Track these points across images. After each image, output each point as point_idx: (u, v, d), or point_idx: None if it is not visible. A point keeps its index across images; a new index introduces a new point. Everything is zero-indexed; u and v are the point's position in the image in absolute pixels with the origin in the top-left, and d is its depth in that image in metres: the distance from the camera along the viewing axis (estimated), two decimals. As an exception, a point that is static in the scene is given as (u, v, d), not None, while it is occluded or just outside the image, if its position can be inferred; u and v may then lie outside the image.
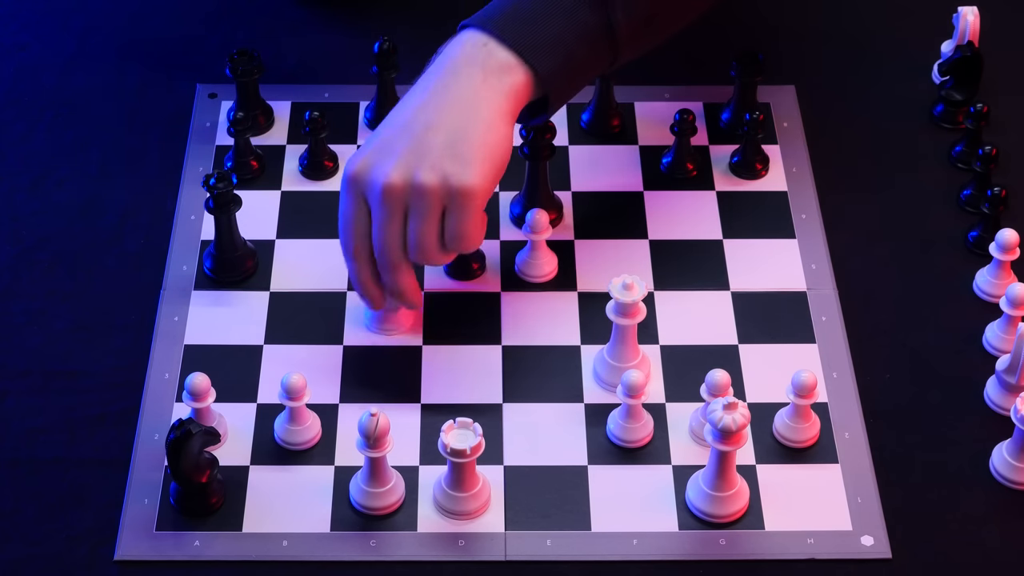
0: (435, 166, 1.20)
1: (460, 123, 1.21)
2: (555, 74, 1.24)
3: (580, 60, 1.26)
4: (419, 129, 1.21)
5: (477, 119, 1.21)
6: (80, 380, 1.27)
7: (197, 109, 1.49)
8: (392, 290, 1.25)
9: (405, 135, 1.21)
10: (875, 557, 1.17)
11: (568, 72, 1.25)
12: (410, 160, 1.20)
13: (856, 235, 1.39)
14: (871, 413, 1.25)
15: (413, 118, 1.22)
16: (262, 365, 1.28)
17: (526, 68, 1.23)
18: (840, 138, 1.47)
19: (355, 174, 1.22)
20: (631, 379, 1.20)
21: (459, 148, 1.20)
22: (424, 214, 1.20)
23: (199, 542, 1.17)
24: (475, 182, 1.20)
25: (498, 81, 1.22)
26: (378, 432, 1.15)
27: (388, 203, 1.20)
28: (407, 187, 1.20)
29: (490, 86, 1.22)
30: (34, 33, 1.56)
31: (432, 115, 1.21)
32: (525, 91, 1.24)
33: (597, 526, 1.18)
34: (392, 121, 1.24)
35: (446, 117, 1.21)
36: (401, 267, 1.23)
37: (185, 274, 1.34)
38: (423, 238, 1.21)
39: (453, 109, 1.21)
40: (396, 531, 1.18)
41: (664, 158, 1.44)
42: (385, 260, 1.23)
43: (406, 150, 1.21)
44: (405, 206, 1.21)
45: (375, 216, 1.21)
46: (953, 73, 1.47)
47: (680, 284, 1.34)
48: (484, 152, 1.21)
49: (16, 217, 1.39)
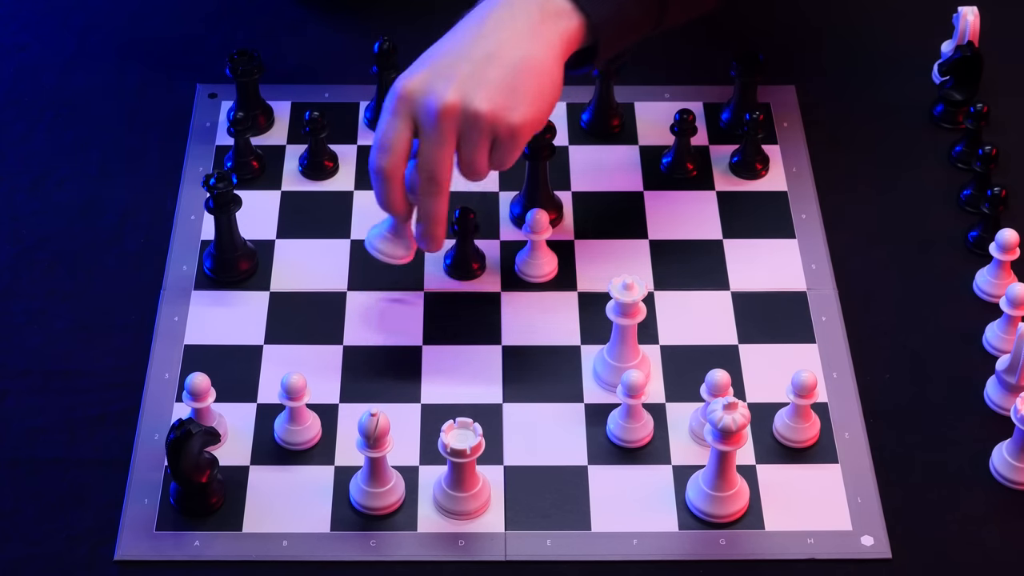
0: (491, 97, 1.20)
1: (518, 59, 1.22)
2: (606, 23, 1.25)
3: (629, 12, 1.27)
4: (479, 57, 1.22)
5: (534, 59, 1.22)
6: (80, 380, 1.27)
7: (197, 109, 1.49)
8: (426, 215, 1.23)
9: (464, 61, 1.22)
10: (875, 557, 1.17)
11: (618, 23, 1.27)
12: (468, 86, 1.20)
13: (856, 235, 1.39)
14: (871, 413, 1.25)
15: (472, 45, 1.22)
16: (262, 365, 1.28)
17: (580, 14, 1.24)
18: (840, 138, 1.47)
19: (408, 92, 1.22)
20: (631, 379, 1.20)
21: (516, 84, 1.21)
22: (477, 141, 1.21)
23: (199, 542, 1.17)
24: (527, 121, 1.21)
25: (554, 24, 1.24)
26: (378, 432, 1.15)
27: (443, 125, 1.20)
28: (463, 112, 1.20)
29: (547, 26, 1.23)
30: (34, 33, 1.56)
31: (492, 45, 1.22)
32: (576, 37, 1.25)
33: (597, 526, 1.18)
34: (448, 46, 1.24)
35: (505, 51, 1.22)
36: (445, 190, 1.23)
37: (185, 274, 1.34)
38: (475, 161, 1.22)
39: (512, 44, 1.22)
40: (396, 531, 1.18)
41: (664, 158, 1.44)
42: (431, 182, 1.22)
43: (465, 75, 1.21)
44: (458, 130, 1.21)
45: (426, 136, 1.21)
46: (953, 73, 1.47)
47: (680, 284, 1.34)
48: (538, 91, 1.22)
49: (16, 217, 1.39)
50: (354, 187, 1.42)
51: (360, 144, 1.45)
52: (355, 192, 1.41)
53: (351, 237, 1.37)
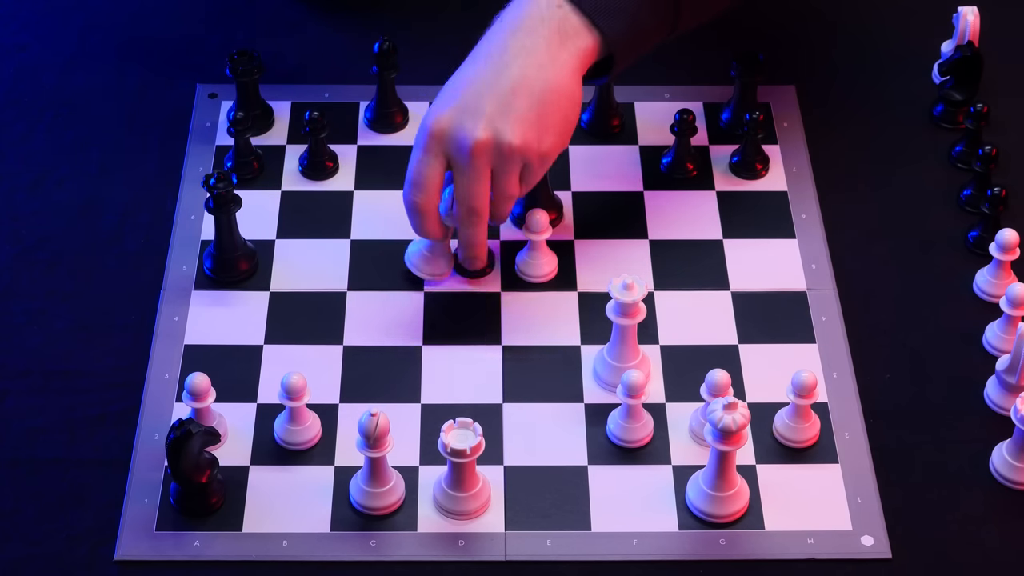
0: (521, 131, 1.24)
1: (542, 88, 1.25)
2: (621, 38, 1.28)
3: (644, 24, 1.29)
4: (504, 90, 1.24)
5: (557, 84, 1.25)
6: (80, 380, 1.27)
7: (197, 109, 1.49)
8: (469, 243, 1.28)
9: (492, 95, 1.24)
10: (875, 557, 1.17)
11: (633, 37, 1.29)
12: (498, 122, 1.24)
13: (856, 235, 1.39)
14: (871, 413, 1.25)
15: (497, 76, 1.25)
16: (262, 365, 1.28)
17: (595, 32, 1.27)
18: (840, 138, 1.47)
19: (439, 131, 1.25)
20: (631, 379, 1.20)
21: (543, 112, 1.24)
22: (510, 171, 1.25)
23: (199, 542, 1.17)
24: (555, 147, 1.26)
25: (572, 43, 1.26)
26: (378, 432, 1.15)
27: (478, 161, 1.24)
28: (495, 147, 1.24)
29: (565, 48, 1.26)
30: (34, 33, 1.56)
31: (516, 75, 1.24)
32: (592, 54, 1.27)
33: (597, 526, 1.18)
34: (473, 78, 1.26)
35: (529, 81, 1.25)
36: (484, 219, 1.27)
37: (185, 274, 1.34)
38: (508, 190, 1.26)
39: (535, 72, 1.25)
40: (396, 531, 1.18)
41: (664, 158, 1.44)
42: (471, 213, 1.26)
43: (493, 111, 1.24)
44: (492, 163, 1.24)
45: (462, 172, 1.25)
46: (953, 73, 1.47)
47: (680, 284, 1.34)
48: (563, 117, 1.26)
49: (16, 217, 1.39)
50: (354, 187, 1.42)
51: (360, 144, 1.45)
52: (355, 192, 1.41)
53: (351, 237, 1.37)
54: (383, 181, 1.42)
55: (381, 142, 1.46)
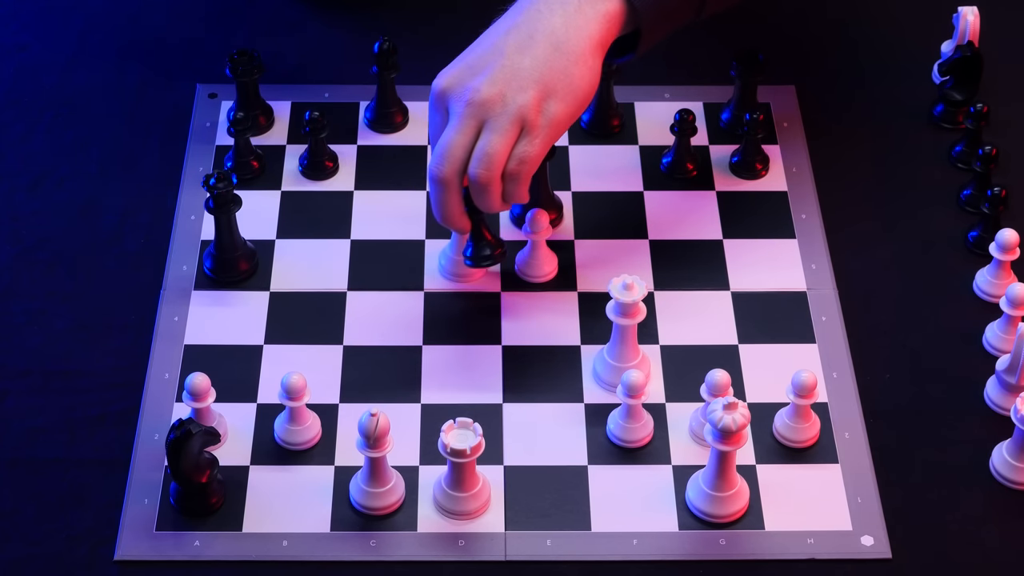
0: (525, 88, 1.21)
1: (551, 51, 1.22)
2: (649, 7, 1.25)
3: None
4: (510, 50, 1.23)
5: (568, 49, 1.23)
6: (80, 380, 1.27)
7: (197, 109, 1.49)
8: (437, 203, 1.24)
9: (496, 55, 1.23)
10: (875, 557, 1.17)
11: (660, 8, 1.26)
12: (499, 78, 1.22)
13: (856, 235, 1.39)
14: (871, 413, 1.25)
15: (505, 39, 1.24)
16: (262, 365, 1.28)
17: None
18: (840, 138, 1.47)
19: (443, 89, 1.24)
20: (631, 379, 1.20)
21: (548, 77, 1.22)
22: (503, 127, 1.21)
23: (199, 542, 1.17)
24: (559, 115, 1.22)
25: (592, 8, 1.24)
26: (378, 432, 1.15)
27: (469, 110, 1.21)
28: (489, 100, 1.21)
29: (583, 14, 1.24)
30: (34, 33, 1.56)
31: (524, 38, 1.23)
32: (618, 20, 1.25)
33: (597, 526, 1.18)
34: (483, 41, 1.25)
35: (538, 44, 1.23)
36: (453, 183, 1.22)
37: (185, 274, 1.34)
38: (496, 147, 1.21)
39: (546, 35, 1.23)
40: (396, 531, 1.18)
41: (664, 158, 1.44)
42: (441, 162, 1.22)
43: (497, 68, 1.22)
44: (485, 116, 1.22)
45: (453, 124, 1.22)
46: (953, 73, 1.47)
47: (680, 284, 1.34)
48: (571, 84, 1.23)
49: (16, 217, 1.39)
50: (354, 187, 1.42)
51: (360, 144, 1.45)
52: (355, 192, 1.41)
53: (351, 237, 1.37)
54: (383, 181, 1.42)
55: (381, 142, 1.46)
